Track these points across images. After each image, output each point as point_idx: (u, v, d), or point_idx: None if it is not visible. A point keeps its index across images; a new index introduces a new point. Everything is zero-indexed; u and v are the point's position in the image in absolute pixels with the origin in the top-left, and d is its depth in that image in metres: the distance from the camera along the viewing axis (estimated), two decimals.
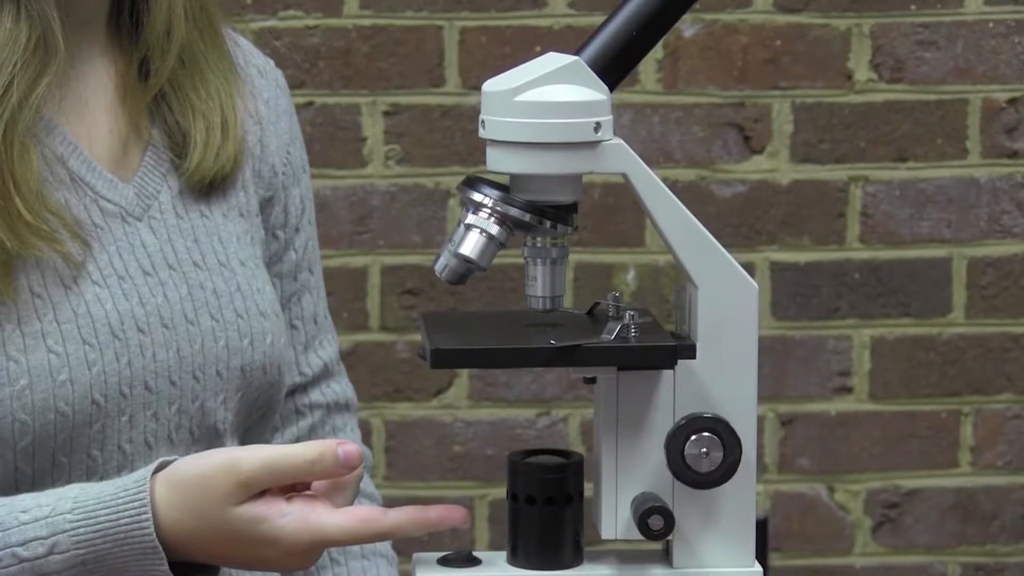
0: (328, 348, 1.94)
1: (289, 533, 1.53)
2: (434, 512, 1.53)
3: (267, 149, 1.87)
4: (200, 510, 1.53)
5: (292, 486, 1.55)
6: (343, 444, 1.53)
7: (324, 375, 1.94)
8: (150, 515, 1.54)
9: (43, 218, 1.65)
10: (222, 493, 1.52)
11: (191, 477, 1.54)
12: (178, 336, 1.73)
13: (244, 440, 1.83)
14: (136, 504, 1.54)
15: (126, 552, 1.55)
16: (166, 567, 1.54)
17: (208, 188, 1.79)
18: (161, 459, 1.57)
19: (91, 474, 1.68)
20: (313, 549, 1.54)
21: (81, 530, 1.55)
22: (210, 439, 1.76)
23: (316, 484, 1.55)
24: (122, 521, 1.55)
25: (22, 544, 1.56)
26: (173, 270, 1.75)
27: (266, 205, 1.87)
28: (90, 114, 1.76)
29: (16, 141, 1.65)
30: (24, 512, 1.57)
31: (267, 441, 1.89)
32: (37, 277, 1.67)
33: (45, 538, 1.56)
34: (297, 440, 1.92)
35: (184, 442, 1.74)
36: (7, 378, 1.64)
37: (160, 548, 1.54)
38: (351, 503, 1.56)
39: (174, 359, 1.72)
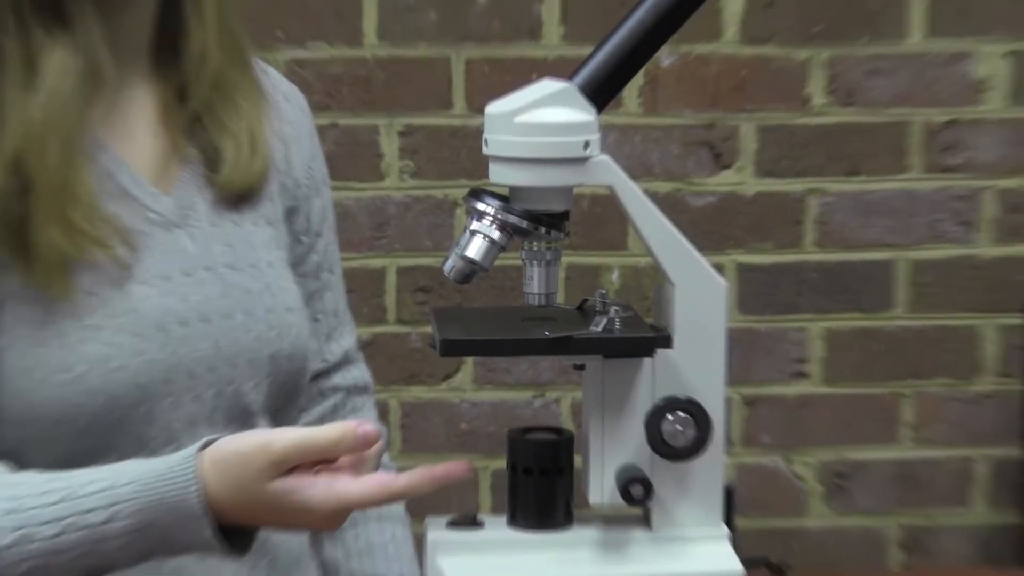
0: (347, 338, 1.94)
1: (317, 502, 1.52)
2: (439, 469, 1.54)
3: (291, 165, 1.86)
4: (240, 484, 1.53)
5: (319, 461, 1.55)
6: (362, 425, 1.52)
7: (344, 361, 1.94)
8: (196, 487, 1.54)
9: (96, 226, 1.65)
10: (258, 469, 1.52)
11: (232, 455, 1.54)
12: (215, 329, 1.72)
13: (275, 418, 1.82)
14: (184, 478, 1.54)
15: (176, 519, 1.55)
16: (211, 532, 1.54)
17: (239, 199, 1.79)
18: (206, 438, 1.57)
19: (140, 449, 1.68)
20: (339, 513, 1.54)
21: (137, 501, 1.55)
22: (244, 418, 1.76)
23: (341, 459, 1.55)
24: (172, 493, 1.54)
25: (87, 512, 1.56)
26: (210, 271, 1.75)
27: (291, 214, 1.86)
28: (135, 135, 1.75)
29: (72, 159, 1.64)
30: (87, 484, 1.57)
31: (295, 419, 1.89)
32: (91, 278, 1.66)
33: (106, 508, 1.55)
34: (321, 419, 1.92)
35: (221, 421, 1.74)
36: (66, 366, 1.64)
37: (206, 515, 1.54)
38: (372, 472, 1.56)
39: (212, 349, 1.72)
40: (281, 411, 1.83)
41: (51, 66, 1.63)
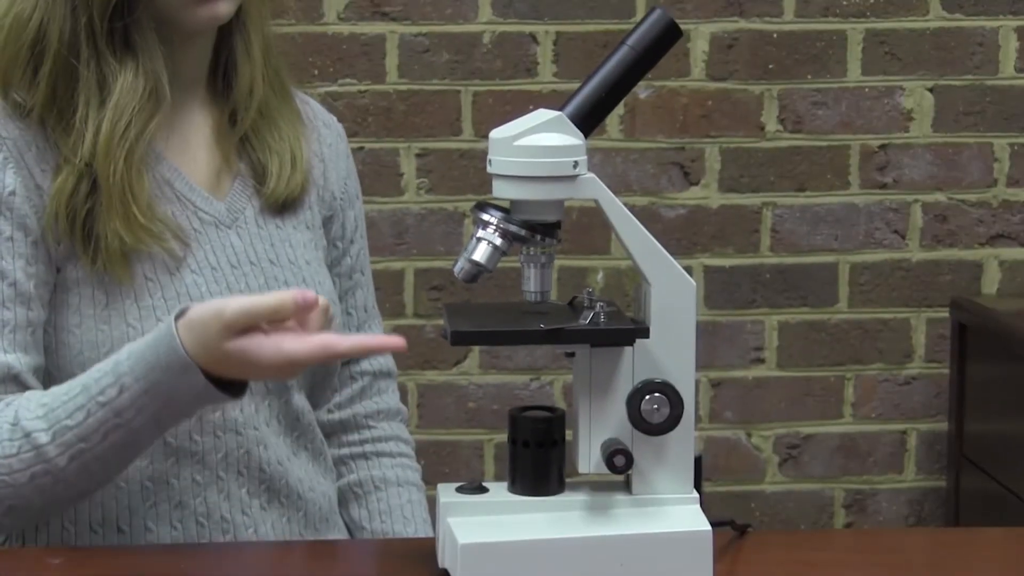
0: (375, 330, 1.93)
1: (267, 358, 1.50)
2: (376, 341, 1.58)
3: (328, 180, 1.86)
4: (204, 343, 1.52)
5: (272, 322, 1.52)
6: (303, 293, 1.49)
7: None
8: (179, 345, 1.52)
9: (153, 222, 1.66)
10: (215, 332, 1.50)
11: (196, 321, 1.52)
12: None
13: (310, 395, 1.82)
14: (168, 340, 1.53)
15: (174, 375, 1.53)
16: (203, 378, 1.53)
17: (282, 207, 1.79)
18: (179, 307, 1.56)
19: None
20: (289, 368, 1.52)
21: (137, 369, 1.54)
22: (280, 392, 1.76)
23: (288, 322, 1.52)
24: (164, 353, 1.53)
25: (100, 392, 1.55)
26: (254, 265, 1.74)
27: (328, 222, 1.85)
28: (193, 152, 1.76)
29: (133, 165, 1.66)
30: (96, 372, 1.57)
31: (328, 399, 1.89)
32: (149, 266, 1.67)
33: (115, 383, 1.55)
34: (351, 399, 1.91)
35: (260, 392, 1.73)
36: (127, 340, 1.64)
37: (194, 365, 1.52)
38: (322, 330, 1.52)
39: None
40: (315, 388, 1.83)
41: (118, 87, 1.63)
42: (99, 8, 1.64)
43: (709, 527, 1.51)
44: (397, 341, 1.51)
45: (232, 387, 1.55)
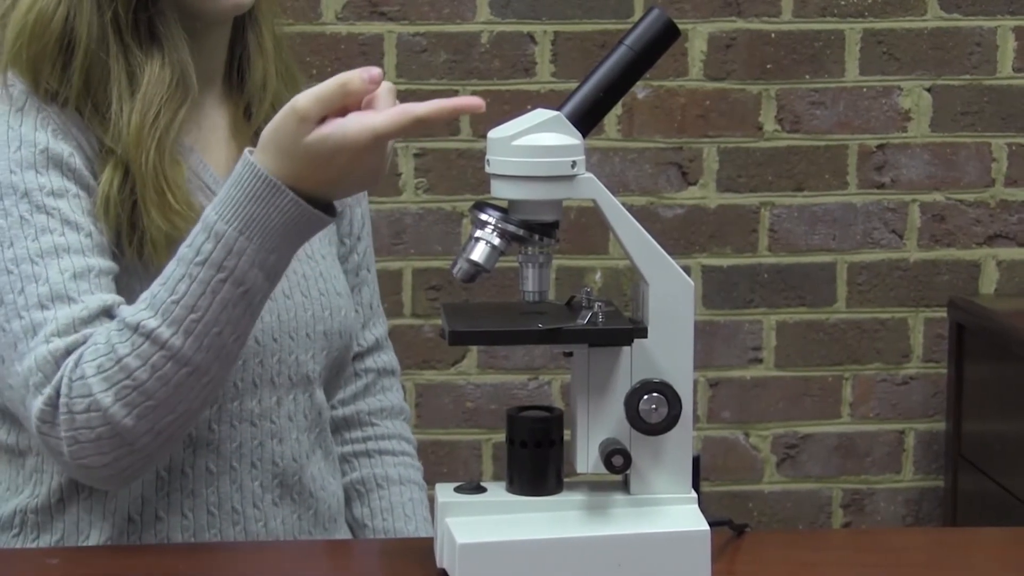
0: (379, 328, 1.94)
1: (352, 136, 1.48)
2: (454, 101, 1.50)
3: None
4: (287, 149, 1.50)
5: (340, 110, 1.51)
6: (366, 69, 1.49)
7: (375, 347, 1.93)
8: (261, 170, 1.51)
9: (190, 210, 1.65)
10: (293, 130, 1.49)
11: (268, 133, 1.52)
12: (278, 306, 1.73)
13: (325, 388, 1.82)
14: (249, 170, 1.52)
15: (262, 206, 1.52)
16: (292, 195, 1.51)
17: None
18: (247, 148, 1.55)
19: (212, 403, 1.68)
20: (375, 146, 1.50)
21: (226, 213, 1.53)
22: (304, 384, 1.76)
23: (363, 102, 1.51)
24: (245, 185, 1.52)
25: (196, 253, 1.53)
26: None
27: (338, 218, 1.86)
28: (212, 145, 1.78)
29: (166, 154, 1.66)
30: (188, 237, 1.55)
31: (334, 394, 1.89)
32: None
33: (207, 238, 1.53)
34: (355, 396, 1.92)
35: (284, 385, 1.74)
36: None
37: (280, 184, 1.51)
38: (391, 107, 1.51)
39: (275, 322, 1.72)
40: (329, 383, 1.84)
41: (146, 78, 1.65)
42: (124, 1, 1.64)
43: (707, 527, 1.52)
44: (476, 101, 1.49)
45: (325, 209, 1.54)
